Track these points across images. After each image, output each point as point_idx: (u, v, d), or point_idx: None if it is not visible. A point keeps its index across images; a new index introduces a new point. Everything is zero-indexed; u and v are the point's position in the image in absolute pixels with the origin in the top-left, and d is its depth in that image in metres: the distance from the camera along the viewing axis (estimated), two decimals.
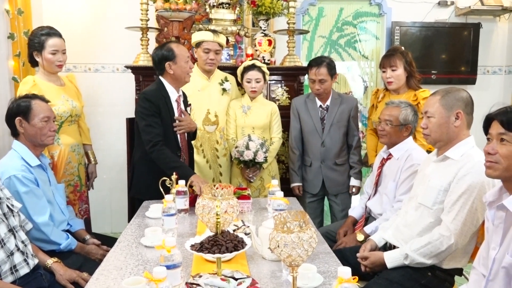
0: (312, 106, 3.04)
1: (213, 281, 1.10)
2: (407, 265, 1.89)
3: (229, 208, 1.28)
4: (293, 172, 3.12)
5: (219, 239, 1.17)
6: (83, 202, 2.82)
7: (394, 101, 2.48)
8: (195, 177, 2.34)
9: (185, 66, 2.53)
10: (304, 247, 1.17)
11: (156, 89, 2.53)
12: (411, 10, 4.25)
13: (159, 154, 2.39)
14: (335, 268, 1.61)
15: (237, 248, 1.17)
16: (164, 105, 2.51)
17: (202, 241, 1.19)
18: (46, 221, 2.04)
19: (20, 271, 1.74)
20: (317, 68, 2.92)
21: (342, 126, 3.03)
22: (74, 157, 2.70)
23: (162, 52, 2.50)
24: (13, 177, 1.98)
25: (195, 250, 1.16)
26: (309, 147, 3.07)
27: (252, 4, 3.46)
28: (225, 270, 1.18)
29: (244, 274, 1.19)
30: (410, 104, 2.43)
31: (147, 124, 2.43)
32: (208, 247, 1.16)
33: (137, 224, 2.11)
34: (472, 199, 1.77)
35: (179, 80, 2.56)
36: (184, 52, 2.52)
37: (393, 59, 2.84)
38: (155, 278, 1.13)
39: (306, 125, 3.05)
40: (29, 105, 2.10)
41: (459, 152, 1.88)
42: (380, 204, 2.44)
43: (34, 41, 2.59)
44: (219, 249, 1.14)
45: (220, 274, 1.16)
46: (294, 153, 3.09)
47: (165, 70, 2.51)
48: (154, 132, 2.41)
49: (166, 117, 2.51)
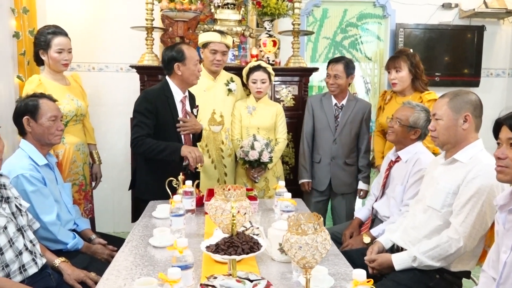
0: (328, 104, 3.10)
1: (228, 283, 1.10)
2: (415, 267, 1.89)
3: (241, 209, 1.28)
4: (303, 168, 3.15)
5: (235, 241, 1.16)
6: (88, 202, 2.82)
7: (411, 102, 2.47)
8: (185, 148, 2.41)
9: (193, 69, 2.53)
10: (318, 249, 1.17)
11: (160, 89, 2.53)
12: (415, 12, 4.26)
13: (142, 147, 2.40)
14: (345, 270, 1.61)
15: (253, 250, 1.17)
16: (166, 105, 2.51)
17: (218, 243, 1.18)
18: (53, 220, 2.04)
19: (28, 271, 1.73)
20: (335, 64, 3.01)
21: (354, 127, 3.07)
22: (79, 156, 2.70)
23: (172, 52, 2.50)
24: (21, 176, 1.97)
25: (211, 252, 1.16)
26: (320, 143, 3.11)
27: (257, 4, 3.45)
28: (240, 272, 1.18)
29: (258, 276, 1.18)
30: (426, 110, 2.40)
31: (135, 124, 2.45)
32: (224, 248, 1.15)
33: (144, 224, 2.10)
34: (481, 202, 1.77)
35: (186, 82, 2.56)
36: (194, 55, 2.53)
37: (397, 61, 2.86)
38: (170, 279, 1.13)
39: (319, 122, 3.11)
40: (37, 104, 2.10)
41: (467, 155, 1.88)
42: (388, 206, 2.44)
43: (40, 40, 2.58)
44: (235, 250, 1.14)
45: (235, 276, 1.16)
46: (305, 149, 3.14)
47: (173, 70, 2.51)
48: (138, 132, 2.42)
49: (167, 117, 2.51)
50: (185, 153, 2.39)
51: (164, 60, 2.55)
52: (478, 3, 4.12)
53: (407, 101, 2.51)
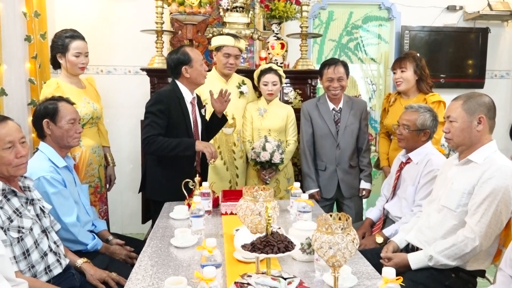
0: (325, 109, 3.03)
1: (264, 281, 1.13)
2: (431, 266, 1.92)
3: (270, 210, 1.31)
4: (309, 178, 3.05)
5: (270, 240, 1.20)
6: (103, 204, 2.85)
7: (413, 105, 2.49)
8: (200, 143, 2.45)
9: (200, 69, 2.57)
10: (348, 248, 1.21)
11: (171, 90, 2.58)
12: (420, 14, 4.30)
13: (153, 145, 2.42)
14: (366, 269, 1.65)
15: (288, 249, 1.20)
16: (177, 106, 2.55)
17: (254, 242, 1.22)
18: (74, 221, 2.07)
19: (53, 271, 1.77)
20: (335, 66, 2.93)
21: (355, 129, 3.04)
22: (95, 158, 2.73)
23: (178, 56, 2.54)
24: (42, 178, 2.00)
25: (248, 250, 1.20)
26: (322, 151, 3.05)
27: (266, 8, 3.49)
28: (273, 271, 1.21)
29: (290, 274, 1.22)
30: (430, 109, 2.45)
31: (147, 123, 2.48)
32: (260, 247, 1.19)
33: (163, 225, 2.13)
34: (496, 202, 1.81)
35: (194, 83, 2.60)
36: (198, 56, 2.57)
37: (403, 61, 2.91)
38: (205, 278, 1.16)
39: (319, 129, 3.03)
40: (56, 107, 2.13)
41: (482, 156, 1.92)
42: (399, 208, 2.47)
43: (58, 43, 2.62)
44: (271, 249, 1.17)
45: (269, 274, 1.19)
46: (307, 158, 3.06)
47: (181, 74, 2.55)
48: (150, 132, 2.44)
49: (179, 118, 2.55)
50: (201, 148, 2.42)
51: (170, 65, 2.58)
52: (483, 6, 4.17)
53: (409, 105, 2.53)
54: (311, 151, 3.07)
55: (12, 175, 1.71)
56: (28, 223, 1.71)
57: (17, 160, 1.69)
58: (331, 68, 2.93)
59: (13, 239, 1.64)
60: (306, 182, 3.07)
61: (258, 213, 1.32)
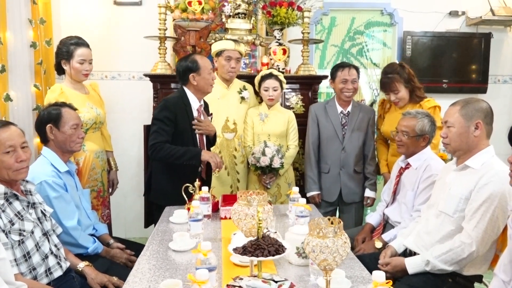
0: (333, 112, 3.05)
1: (255, 283, 1.15)
2: (428, 271, 1.93)
3: (264, 214, 1.33)
4: (311, 180, 3.06)
5: (261, 243, 1.22)
6: (105, 208, 2.88)
7: (411, 111, 2.50)
8: (206, 153, 2.51)
9: (208, 78, 2.60)
10: (339, 252, 1.22)
11: (178, 97, 2.61)
12: (423, 20, 4.31)
13: (161, 152, 2.46)
14: (361, 273, 1.66)
15: (278, 252, 1.22)
16: (184, 113, 2.58)
17: (245, 245, 1.24)
18: (74, 225, 2.10)
19: (54, 274, 1.80)
20: (349, 68, 2.96)
21: (362, 134, 3.04)
22: (98, 163, 2.77)
23: (187, 63, 2.57)
24: (44, 182, 2.04)
25: (239, 253, 1.22)
26: (327, 153, 3.06)
27: (268, 14, 3.52)
28: (264, 274, 1.23)
29: (282, 277, 1.24)
30: (428, 114, 2.46)
31: (154, 130, 2.51)
32: (251, 250, 1.21)
33: (162, 229, 2.16)
34: (493, 208, 1.82)
35: (202, 91, 2.64)
36: (207, 64, 2.60)
37: (392, 84, 2.85)
38: (198, 280, 1.18)
39: (325, 131, 3.05)
40: (59, 113, 2.17)
41: (479, 161, 1.93)
42: (399, 212, 2.48)
43: (63, 50, 2.67)
44: (262, 252, 1.20)
45: (260, 277, 1.21)
46: (311, 160, 3.07)
47: (188, 81, 2.59)
48: (157, 139, 2.47)
49: (186, 125, 2.58)
50: (207, 158, 2.47)
51: (178, 71, 2.62)
52: (485, 11, 4.17)
53: (407, 111, 2.53)
54: (316, 153, 3.09)
55: (13, 179, 1.75)
56: (30, 226, 1.75)
57: (18, 164, 1.73)
58: (345, 70, 2.96)
59: (14, 241, 1.68)
60: (307, 184, 3.10)
61: (251, 217, 1.34)
